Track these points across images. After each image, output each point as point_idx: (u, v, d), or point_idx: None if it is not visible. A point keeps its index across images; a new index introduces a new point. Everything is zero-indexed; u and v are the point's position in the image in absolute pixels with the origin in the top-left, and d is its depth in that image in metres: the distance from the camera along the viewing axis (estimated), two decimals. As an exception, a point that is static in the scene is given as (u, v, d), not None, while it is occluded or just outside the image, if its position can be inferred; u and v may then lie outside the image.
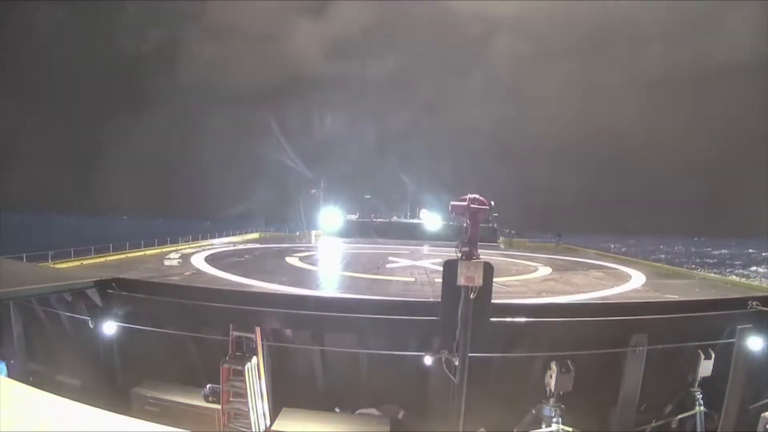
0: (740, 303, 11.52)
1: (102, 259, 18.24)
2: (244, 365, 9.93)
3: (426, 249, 28.69)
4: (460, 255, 9.46)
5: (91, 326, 10.69)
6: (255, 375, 10.18)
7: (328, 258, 25.49)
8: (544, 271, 21.49)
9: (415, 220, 37.95)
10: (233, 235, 31.65)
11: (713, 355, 10.91)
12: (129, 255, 20.11)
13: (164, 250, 22.58)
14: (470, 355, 9.50)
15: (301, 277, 17.01)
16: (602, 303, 13.15)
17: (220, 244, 27.65)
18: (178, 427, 1.87)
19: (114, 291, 11.05)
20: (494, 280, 9.67)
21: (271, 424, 10.25)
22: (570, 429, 9.97)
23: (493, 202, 9.71)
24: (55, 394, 1.94)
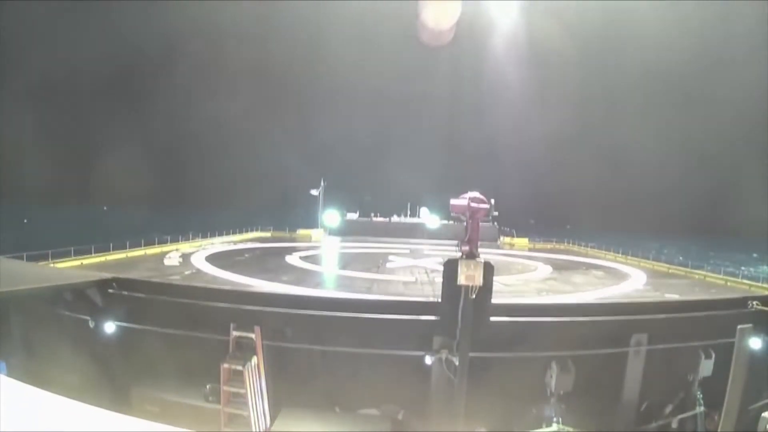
0: (740, 303, 11.52)
1: (102, 259, 18.23)
2: (244, 365, 9.93)
3: (426, 248, 28.68)
4: (460, 254, 9.46)
5: (91, 326, 10.69)
6: (255, 375, 10.17)
7: (328, 257, 25.48)
8: (545, 270, 21.48)
9: (415, 219, 37.92)
10: (233, 233, 31.63)
11: (713, 355, 10.91)
12: (129, 254, 20.10)
13: (165, 249, 22.57)
14: (470, 354, 9.50)
15: (301, 276, 17.00)
16: (602, 303, 13.16)
17: (221, 243, 27.64)
18: (178, 427, 1.85)
19: (114, 291, 11.04)
20: (494, 279, 9.67)
21: (271, 424, 10.25)
22: (570, 429, 9.97)
23: (493, 200, 9.71)
24: (55, 394, 1.93)
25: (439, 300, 9.97)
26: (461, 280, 9.19)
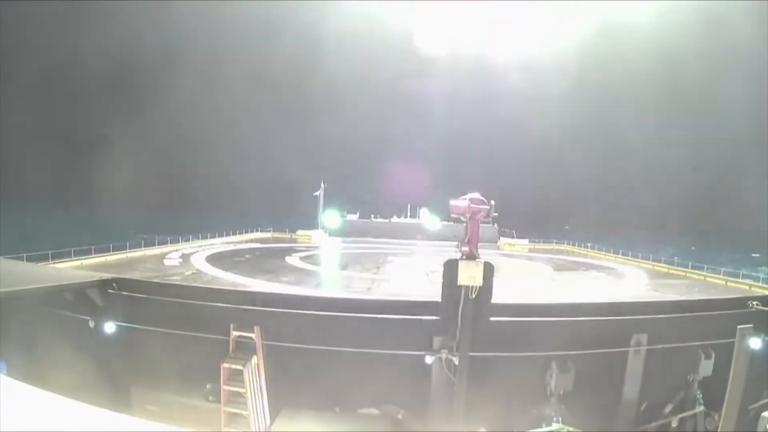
0: (740, 303, 11.52)
1: (102, 259, 18.24)
2: (244, 365, 9.94)
3: (426, 249, 28.69)
4: (460, 255, 9.48)
5: (91, 326, 10.69)
6: (255, 374, 10.18)
7: (328, 258, 25.49)
8: (545, 270, 21.50)
9: (415, 220, 37.94)
10: (234, 234, 31.66)
11: (713, 355, 10.91)
12: (129, 255, 20.11)
13: (165, 249, 22.58)
14: (470, 354, 9.52)
15: (301, 276, 17.02)
16: (602, 303, 13.14)
17: (221, 243, 27.65)
18: (179, 427, 1.86)
19: (114, 291, 11.05)
20: (494, 279, 9.68)
21: (271, 424, 10.25)
22: (570, 429, 9.97)
23: (493, 202, 9.73)
24: (55, 394, 1.94)
25: (440, 300, 9.97)
26: (461, 280, 9.21)
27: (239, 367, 9.91)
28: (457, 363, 9.67)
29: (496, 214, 9.96)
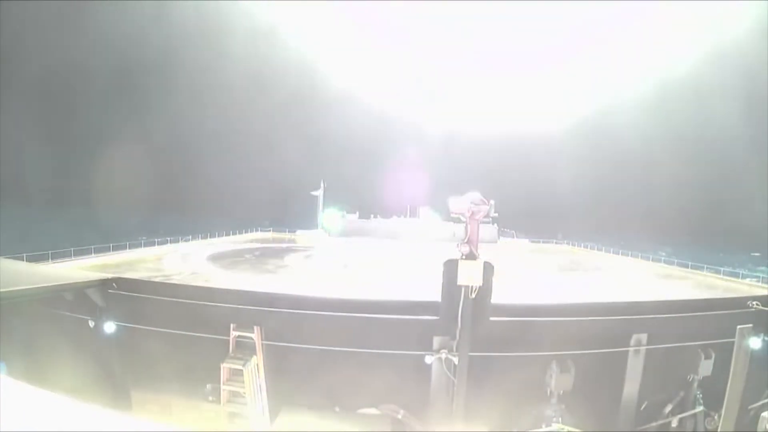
0: (740, 303, 11.53)
1: (102, 259, 18.23)
2: (244, 365, 9.94)
3: (426, 248, 28.69)
4: (460, 254, 9.48)
5: (91, 326, 10.70)
6: (255, 374, 10.19)
7: (327, 258, 25.48)
8: (545, 270, 21.49)
9: (415, 220, 37.90)
10: (234, 234, 31.65)
11: (713, 355, 10.91)
12: (129, 255, 20.10)
13: (165, 249, 22.58)
14: (470, 354, 9.52)
15: (301, 276, 17.01)
16: (602, 303, 13.14)
17: (221, 243, 27.65)
18: (179, 427, 1.86)
19: (114, 290, 11.05)
20: (494, 279, 9.68)
21: (271, 423, 10.26)
22: (570, 428, 9.97)
23: (492, 201, 9.73)
24: (55, 393, 1.94)
25: (439, 300, 9.98)
26: (461, 280, 9.21)
27: (239, 367, 9.92)
28: (457, 363, 9.68)
29: (496, 214, 9.96)
